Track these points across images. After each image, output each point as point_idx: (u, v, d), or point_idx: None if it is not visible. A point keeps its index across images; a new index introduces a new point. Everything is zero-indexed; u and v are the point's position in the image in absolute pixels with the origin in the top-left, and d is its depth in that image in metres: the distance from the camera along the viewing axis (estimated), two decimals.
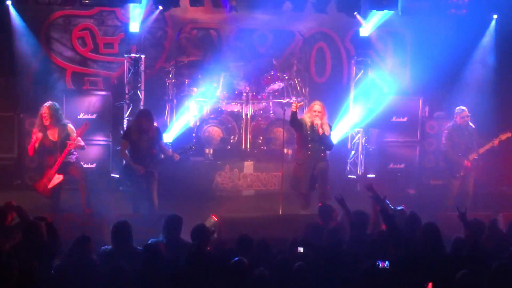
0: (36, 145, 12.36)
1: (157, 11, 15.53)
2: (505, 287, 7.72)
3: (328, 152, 12.98)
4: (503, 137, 13.55)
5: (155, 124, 12.71)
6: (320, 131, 12.58)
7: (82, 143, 12.54)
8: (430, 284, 7.90)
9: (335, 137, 14.36)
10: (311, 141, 12.66)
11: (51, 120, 12.38)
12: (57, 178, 12.43)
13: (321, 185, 12.83)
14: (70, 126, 12.55)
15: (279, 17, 16.86)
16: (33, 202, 12.59)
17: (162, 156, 12.65)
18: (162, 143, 12.72)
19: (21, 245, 8.74)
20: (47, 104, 12.48)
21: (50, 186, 12.45)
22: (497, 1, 15.90)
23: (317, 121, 12.59)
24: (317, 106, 12.71)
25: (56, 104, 12.64)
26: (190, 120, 15.72)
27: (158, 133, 12.61)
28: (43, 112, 12.37)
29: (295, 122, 12.62)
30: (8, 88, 15.40)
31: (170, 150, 13.05)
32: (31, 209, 10.73)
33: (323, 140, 12.73)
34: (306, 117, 12.77)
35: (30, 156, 13.11)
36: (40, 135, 12.33)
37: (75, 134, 12.38)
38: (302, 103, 13.92)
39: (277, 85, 15.93)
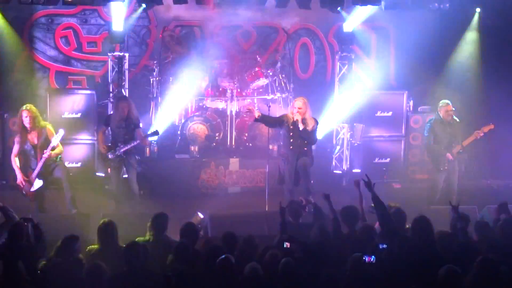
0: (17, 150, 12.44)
1: (140, 9, 15.51)
2: (488, 280, 7.75)
3: (312, 147, 13.03)
4: (486, 129, 13.56)
5: (134, 111, 12.94)
6: (300, 126, 12.68)
7: (57, 150, 12.50)
8: None
9: (320, 132, 14.36)
10: (293, 136, 12.79)
11: (33, 123, 12.34)
12: (38, 183, 12.40)
13: (304, 180, 12.89)
14: (49, 127, 12.52)
15: (262, 13, 16.87)
16: (18, 202, 12.53)
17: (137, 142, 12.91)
18: (139, 131, 12.92)
19: (7, 246, 8.71)
20: (27, 107, 12.40)
21: (32, 189, 12.43)
22: None
23: (297, 117, 12.71)
24: (298, 102, 12.87)
25: (34, 106, 12.58)
26: (175, 118, 15.71)
27: (137, 120, 12.95)
28: (25, 116, 12.31)
29: (270, 124, 13.10)
30: None
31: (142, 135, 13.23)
32: (16, 209, 10.70)
33: (305, 135, 12.79)
34: (289, 113, 12.90)
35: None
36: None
37: (54, 136, 12.36)
38: (251, 107, 13.87)
39: (262, 82, 15.95)
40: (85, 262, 8.52)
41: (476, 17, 16.61)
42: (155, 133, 13.18)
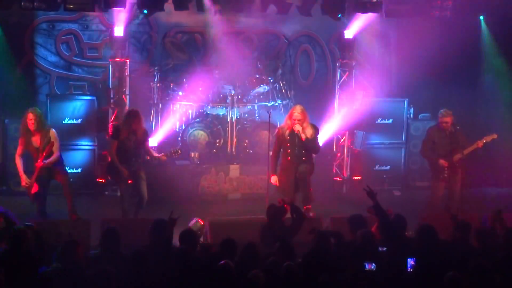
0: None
1: (142, 15, 15.52)
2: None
3: (314, 155, 12.96)
4: (488, 138, 13.42)
5: (143, 126, 12.87)
6: (303, 137, 12.57)
7: (53, 157, 12.50)
8: None
9: (321, 139, 14.32)
10: (291, 147, 12.67)
11: (38, 126, 12.36)
12: (36, 187, 12.42)
13: (303, 188, 12.81)
14: (53, 131, 12.55)
15: (263, 20, 16.86)
16: (18, 208, 12.54)
17: (148, 157, 12.83)
18: (147, 145, 12.83)
19: (7, 252, 8.71)
20: (32, 110, 12.44)
21: (32, 192, 12.44)
22: (481, 3, 15.87)
23: (298, 128, 12.54)
24: (296, 113, 12.62)
25: (39, 109, 12.63)
26: (176, 124, 15.71)
27: (145, 134, 12.78)
28: (30, 118, 12.33)
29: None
30: None
31: (156, 152, 13.16)
32: (17, 215, 10.71)
33: (308, 145, 12.70)
34: (286, 123, 12.78)
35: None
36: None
37: (56, 141, 12.40)
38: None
39: (262, 88, 15.96)
40: (86, 268, 8.53)
41: (477, 25, 16.62)
42: (176, 152, 13.11)
